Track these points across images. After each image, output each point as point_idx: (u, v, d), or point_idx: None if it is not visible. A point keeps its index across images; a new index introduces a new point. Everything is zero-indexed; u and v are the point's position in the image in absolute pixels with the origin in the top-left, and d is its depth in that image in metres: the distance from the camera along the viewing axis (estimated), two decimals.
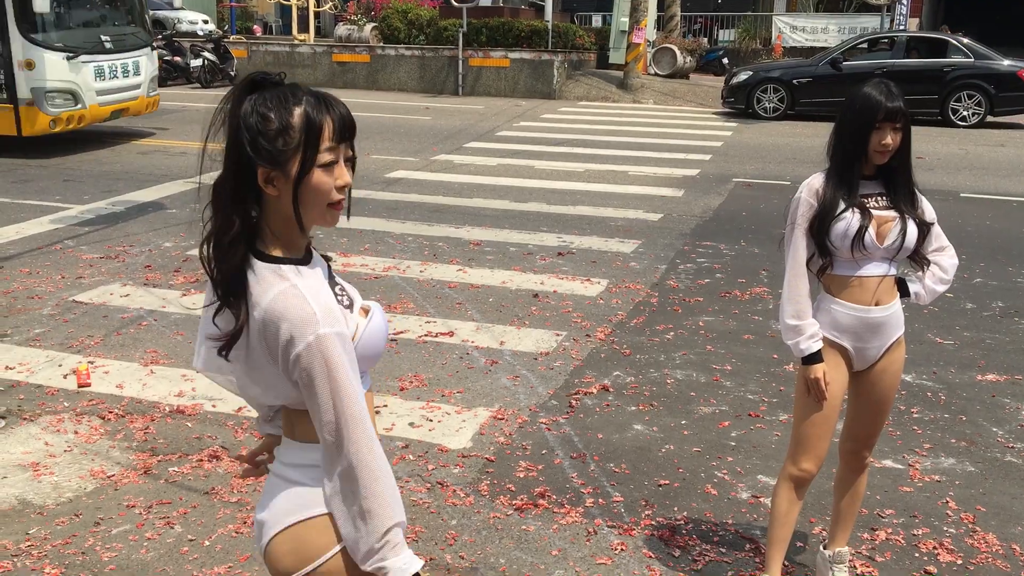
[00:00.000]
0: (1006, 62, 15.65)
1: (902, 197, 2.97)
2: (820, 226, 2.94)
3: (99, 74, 11.88)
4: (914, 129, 3.00)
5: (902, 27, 20.34)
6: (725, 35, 26.14)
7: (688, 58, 22.23)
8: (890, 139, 2.87)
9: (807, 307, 3.01)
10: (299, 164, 1.75)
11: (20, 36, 11.01)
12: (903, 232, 2.93)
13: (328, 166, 1.78)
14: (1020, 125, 15.94)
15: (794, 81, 16.37)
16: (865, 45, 17.40)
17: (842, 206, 2.92)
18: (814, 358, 3.00)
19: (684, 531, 3.75)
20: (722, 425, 4.69)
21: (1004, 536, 3.74)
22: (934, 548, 3.63)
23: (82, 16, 12.30)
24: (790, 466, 3.14)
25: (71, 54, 11.43)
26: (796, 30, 23.94)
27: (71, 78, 11.44)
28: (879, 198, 2.97)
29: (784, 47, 23.38)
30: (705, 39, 25.81)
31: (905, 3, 20.83)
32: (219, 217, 1.79)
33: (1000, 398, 5.07)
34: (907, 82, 12.39)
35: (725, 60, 23.35)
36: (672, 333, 5.97)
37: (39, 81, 11.16)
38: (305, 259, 1.85)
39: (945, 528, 3.79)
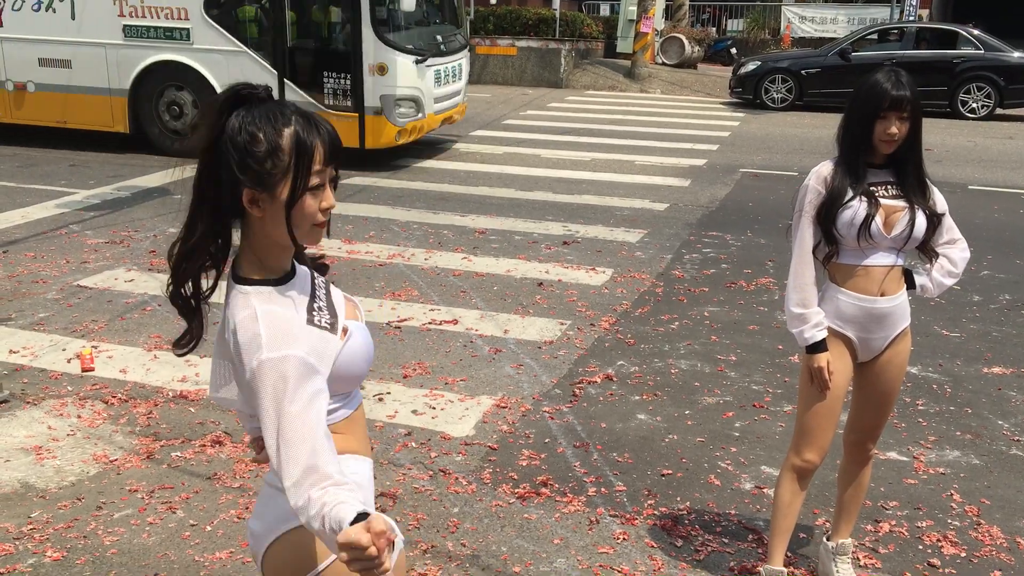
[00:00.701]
0: (1016, 54, 15.54)
1: (912, 187, 2.94)
2: (827, 214, 2.91)
3: (437, 79, 10.71)
4: (923, 121, 2.96)
5: (912, 18, 20.22)
6: (733, 25, 26.02)
7: (696, 48, 22.13)
8: (895, 128, 2.83)
9: (812, 295, 2.98)
10: (289, 189, 1.72)
11: (374, 37, 9.84)
12: (911, 222, 2.90)
13: (316, 189, 1.75)
14: None
15: (802, 72, 16.28)
16: (875, 36, 17.30)
17: (850, 194, 2.89)
18: (818, 347, 2.97)
19: (687, 521, 3.74)
20: (726, 415, 4.68)
21: (1008, 529, 3.72)
22: (938, 541, 3.62)
23: (417, 15, 10.90)
24: (793, 457, 3.12)
25: (419, 57, 10.23)
26: (805, 20, 23.81)
27: (417, 84, 10.24)
28: (889, 187, 2.94)
29: (793, 37, 23.26)
30: (713, 29, 25.69)
31: None
32: (189, 225, 1.79)
33: (1006, 391, 5.05)
34: (916, 73, 12.21)
35: (733, 50, 23.25)
36: (677, 323, 5.95)
37: (389, 88, 9.97)
38: (284, 279, 1.82)
39: (949, 521, 3.77)
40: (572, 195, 9.47)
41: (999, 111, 15.65)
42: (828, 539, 3.38)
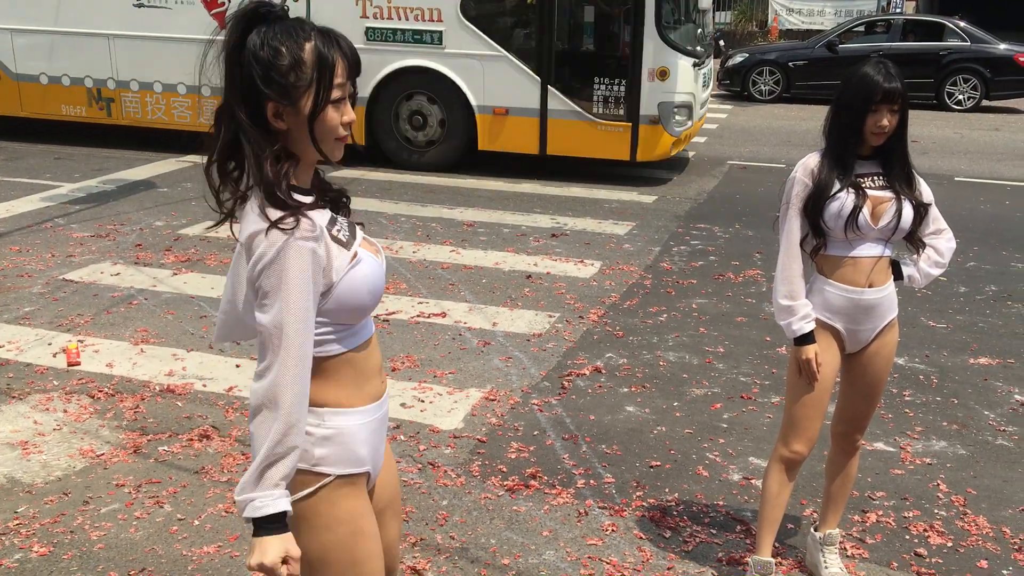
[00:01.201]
0: (1002, 46, 15.60)
1: (898, 178, 2.95)
2: (814, 206, 2.91)
3: (704, 83, 9.96)
4: (909, 113, 2.97)
5: (898, 10, 20.27)
6: (721, 17, 26.04)
7: None
8: (886, 121, 2.84)
9: (800, 287, 2.99)
10: (312, 101, 1.77)
11: (658, 38, 8.95)
12: (898, 213, 2.91)
13: (337, 102, 1.81)
14: (1015, 109, 15.92)
15: (790, 64, 16.31)
16: (862, 28, 17.34)
17: (837, 186, 2.89)
18: (806, 339, 2.98)
19: (675, 512, 3.74)
20: (714, 407, 4.69)
21: (994, 519, 3.74)
22: (925, 531, 3.64)
23: (686, 13, 9.94)
24: (781, 448, 3.13)
25: (697, 60, 9.38)
26: (792, 12, 23.85)
27: (693, 89, 9.35)
28: (876, 178, 2.94)
29: (780, 30, 23.32)
30: None
31: None
32: (248, 145, 1.78)
33: (992, 381, 5.07)
34: (903, 65, 12.18)
35: (721, 42, 23.17)
36: (665, 315, 5.96)
37: (668, 94, 9.08)
38: (304, 193, 1.86)
39: (936, 511, 3.79)
40: (560, 187, 9.46)
41: (985, 103, 15.71)
42: (816, 530, 3.40)
